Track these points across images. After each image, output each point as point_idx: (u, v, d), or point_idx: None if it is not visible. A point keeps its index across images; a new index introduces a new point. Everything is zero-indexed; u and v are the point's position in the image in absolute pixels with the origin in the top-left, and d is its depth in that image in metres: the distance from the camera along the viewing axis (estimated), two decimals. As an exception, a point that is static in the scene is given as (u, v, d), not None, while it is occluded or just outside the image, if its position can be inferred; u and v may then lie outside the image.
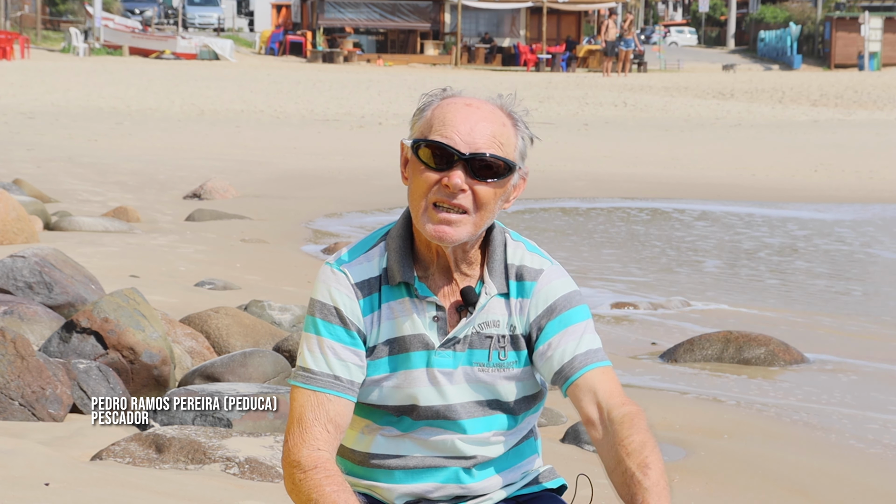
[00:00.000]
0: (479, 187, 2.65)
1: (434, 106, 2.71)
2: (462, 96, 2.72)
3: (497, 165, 2.66)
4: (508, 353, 2.75)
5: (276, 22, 60.61)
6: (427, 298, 2.73)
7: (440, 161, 2.66)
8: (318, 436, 2.67)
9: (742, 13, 72.16)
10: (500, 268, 2.76)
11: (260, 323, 7.14)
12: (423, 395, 2.73)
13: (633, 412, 2.68)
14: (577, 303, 2.77)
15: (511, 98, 2.75)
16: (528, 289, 2.76)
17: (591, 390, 2.70)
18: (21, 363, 5.33)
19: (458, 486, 2.79)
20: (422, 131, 2.69)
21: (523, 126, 2.73)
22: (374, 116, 28.99)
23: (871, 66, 56.58)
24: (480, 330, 2.74)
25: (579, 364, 2.72)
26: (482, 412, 2.76)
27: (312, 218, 15.26)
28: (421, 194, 2.68)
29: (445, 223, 2.65)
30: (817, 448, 6.47)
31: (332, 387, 2.70)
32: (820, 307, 10.63)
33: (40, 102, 29.02)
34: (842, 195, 18.61)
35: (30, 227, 10.74)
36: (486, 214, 2.68)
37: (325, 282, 2.75)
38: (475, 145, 2.65)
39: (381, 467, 2.79)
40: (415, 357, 2.73)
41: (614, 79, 45.55)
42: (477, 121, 2.66)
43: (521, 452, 2.86)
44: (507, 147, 2.68)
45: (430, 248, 2.74)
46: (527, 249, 2.79)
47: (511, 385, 2.77)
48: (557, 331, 2.74)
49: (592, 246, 13.90)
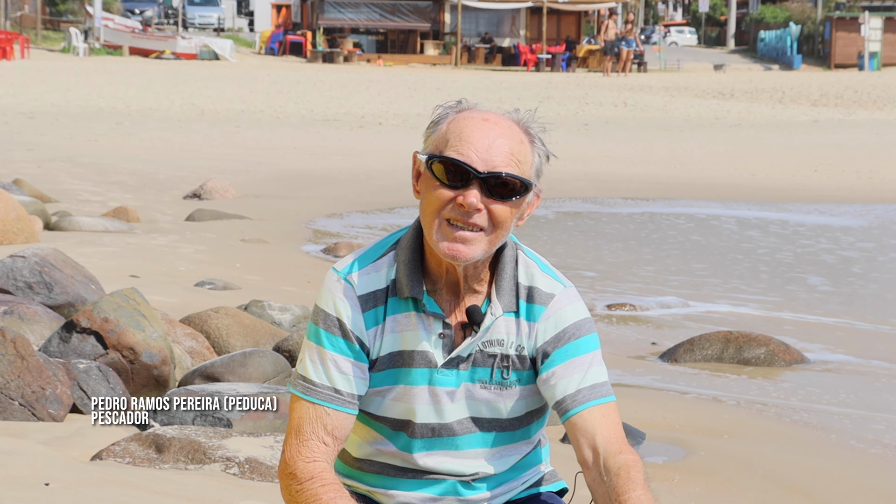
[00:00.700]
0: (494, 206, 2.58)
1: (449, 119, 2.63)
2: (478, 110, 2.64)
3: (514, 184, 2.59)
4: (512, 372, 2.70)
5: (276, 22, 60.62)
6: (434, 315, 2.68)
7: (455, 178, 2.58)
8: (315, 448, 2.64)
9: (742, 13, 72.16)
10: (510, 286, 2.69)
11: (260, 323, 7.14)
12: (420, 411, 2.70)
13: (630, 463, 2.60)
14: (587, 332, 2.71)
15: (529, 114, 2.68)
16: (538, 313, 2.69)
17: (590, 432, 2.64)
18: (21, 363, 5.33)
19: (457, 498, 2.76)
20: (437, 145, 2.62)
21: (540, 143, 2.66)
22: (374, 116, 28.99)
23: (871, 66, 56.58)
24: (484, 348, 2.69)
25: (582, 398, 2.66)
26: (482, 429, 2.73)
27: (312, 218, 15.26)
28: (434, 211, 2.60)
29: (460, 241, 2.58)
30: (817, 448, 6.47)
31: (332, 400, 2.66)
32: (820, 307, 10.62)
33: (40, 102, 29.02)
34: (842, 195, 18.60)
35: (30, 227, 10.74)
36: (501, 233, 2.62)
37: (331, 290, 2.69)
38: (492, 163, 2.57)
39: (379, 473, 2.78)
40: (416, 373, 2.69)
41: (614, 79, 45.57)
42: (494, 137, 2.59)
43: (526, 463, 2.84)
44: (523, 165, 2.61)
45: (440, 263, 2.68)
46: (539, 269, 2.72)
47: (513, 403, 2.72)
48: (563, 360, 2.68)
49: (593, 245, 13.89)
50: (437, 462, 2.73)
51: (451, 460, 2.73)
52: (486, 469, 2.75)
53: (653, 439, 6.33)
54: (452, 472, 2.74)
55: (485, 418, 2.72)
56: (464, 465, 2.73)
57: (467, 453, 2.73)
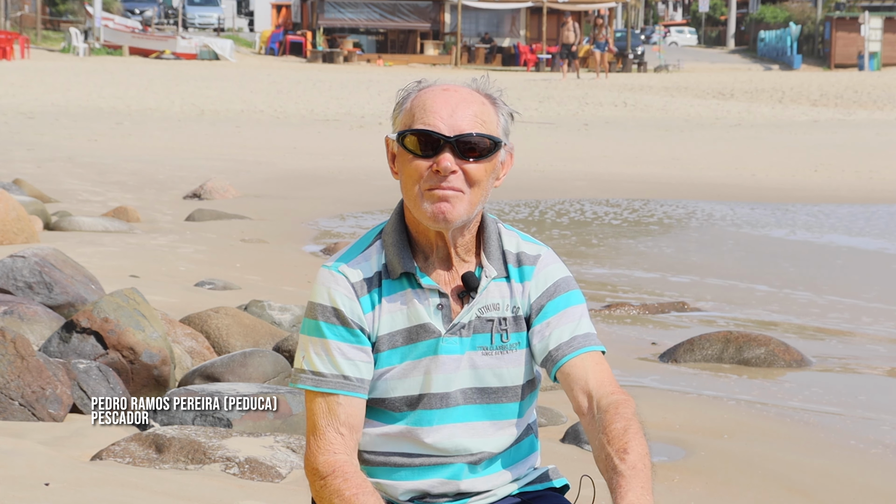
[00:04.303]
0: (468, 167, 2.70)
1: (412, 97, 2.76)
2: (439, 84, 2.77)
3: (483, 143, 2.71)
4: (511, 334, 2.78)
5: (276, 22, 60.61)
6: (429, 287, 2.75)
7: (427, 147, 2.70)
8: (333, 440, 2.71)
9: (742, 13, 72.17)
10: (497, 253, 2.81)
11: (260, 323, 7.14)
12: (430, 382, 2.75)
13: (621, 400, 2.70)
14: (574, 287, 2.84)
15: (485, 80, 2.80)
16: (529, 272, 2.81)
17: (583, 377, 2.74)
18: (21, 363, 5.33)
19: (462, 482, 2.80)
20: (405, 122, 2.74)
21: (502, 103, 2.79)
22: (374, 116, 28.99)
23: (871, 66, 56.58)
24: (481, 314, 2.77)
25: (578, 344, 2.77)
26: (483, 401, 2.78)
27: (312, 218, 15.26)
28: (413, 182, 2.71)
29: (443, 200, 2.69)
30: (817, 448, 6.47)
31: (343, 387, 2.73)
32: (820, 307, 10.62)
33: (40, 102, 29.01)
34: (842, 195, 18.61)
35: (30, 227, 10.74)
36: (479, 192, 2.72)
37: (324, 284, 2.77)
38: (459, 127, 2.70)
39: (385, 465, 2.81)
40: (422, 346, 2.75)
41: (603, 79, 45.45)
42: (457, 103, 2.72)
43: (522, 449, 2.87)
44: (489, 125, 2.73)
45: (428, 237, 2.77)
46: (521, 238, 2.85)
47: (515, 369, 2.79)
48: (557, 311, 2.79)
49: (593, 245, 13.90)
50: (444, 437, 2.77)
51: (458, 433, 2.77)
52: (489, 447, 2.79)
53: (653, 439, 6.30)
54: (459, 448, 2.77)
55: (489, 387, 2.78)
56: (469, 440, 2.78)
57: (472, 426, 2.78)
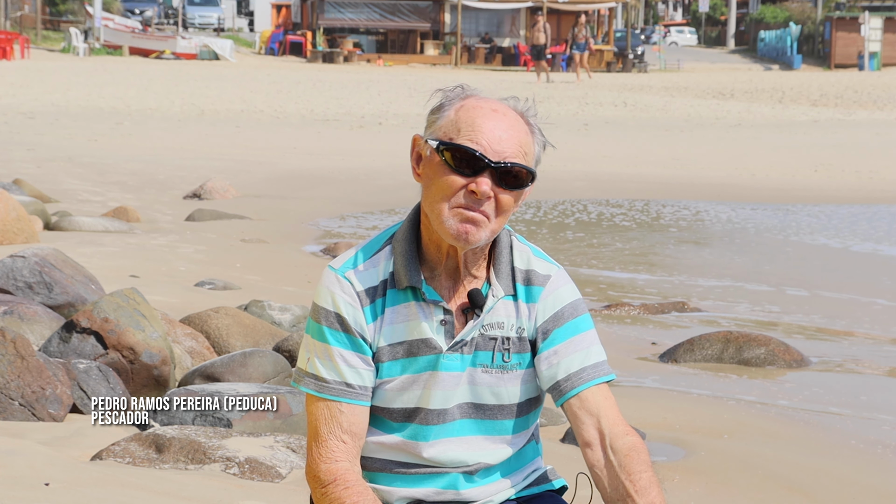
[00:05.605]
0: (502, 195, 2.67)
1: (456, 106, 2.71)
2: (485, 98, 2.72)
3: (521, 174, 2.68)
4: (513, 355, 2.75)
5: (276, 22, 60.61)
6: (434, 302, 2.72)
7: (465, 165, 2.65)
8: (335, 448, 2.70)
9: (742, 13, 72.18)
10: (507, 270, 2.76)
11: (260, 323, 7.14)
12: (426, 398, 2.73)
13: (638, 445, 2.71)
14: (583, 311, 2.79)
15: (528, 104, 2.77)
16: (536, 293, 2.76)
17: (595, 411, 2.72)
18: (21, 363, 5.33)
19: (459, 492, 2.79)
20: (446, 132, 2.68)
21: (539, 133, 2.76)
22: (374, 116, 28.99)
23: (871, 66, 56.58)
24: (485, 332, 2.74)
25: (587, 376, 2.73)
26: (483, 416, 2.76)
27: (312, 218, 15.25)
28: (443, 195, 2.66)
29: (471, 223, 2.65)
30: (817, 448, 6.46)
31: (345, 395, 2.72)
32: (820, 307, 10.62)
33: (40, 102, 29.01)
34: (842, 195, 18.61)
35: (30, 227, 10.74)
36: (503, 220, 2.70)
37: (329, 288, 2.75)
38: (503, 154, 2.66)
39: (381, 471, 2.80)
40: (422, 361, 2.73)
41: (596, 79, 45.43)
42: (505, 129, 2.68)
43: (523, 456, 2.86)
44: (528, 156, 2.71)
45: (440, 249, 2.73)
46: (533, 254, 2.80)
47: (514, 388, 2.77)
48: (565, 338, 2.75)
49: (593, 245, 13.90)
50: (440, 451, 2.75)
51: (455, 448, 2.76)
52: (487, 459, 2.78)
53: (653, 439, 6.33)
54: (456, 461, 2.76)
55: (486, 405, 2.76)
56: (466, 453, 2.76)
57: (469, 440, 2.76)
